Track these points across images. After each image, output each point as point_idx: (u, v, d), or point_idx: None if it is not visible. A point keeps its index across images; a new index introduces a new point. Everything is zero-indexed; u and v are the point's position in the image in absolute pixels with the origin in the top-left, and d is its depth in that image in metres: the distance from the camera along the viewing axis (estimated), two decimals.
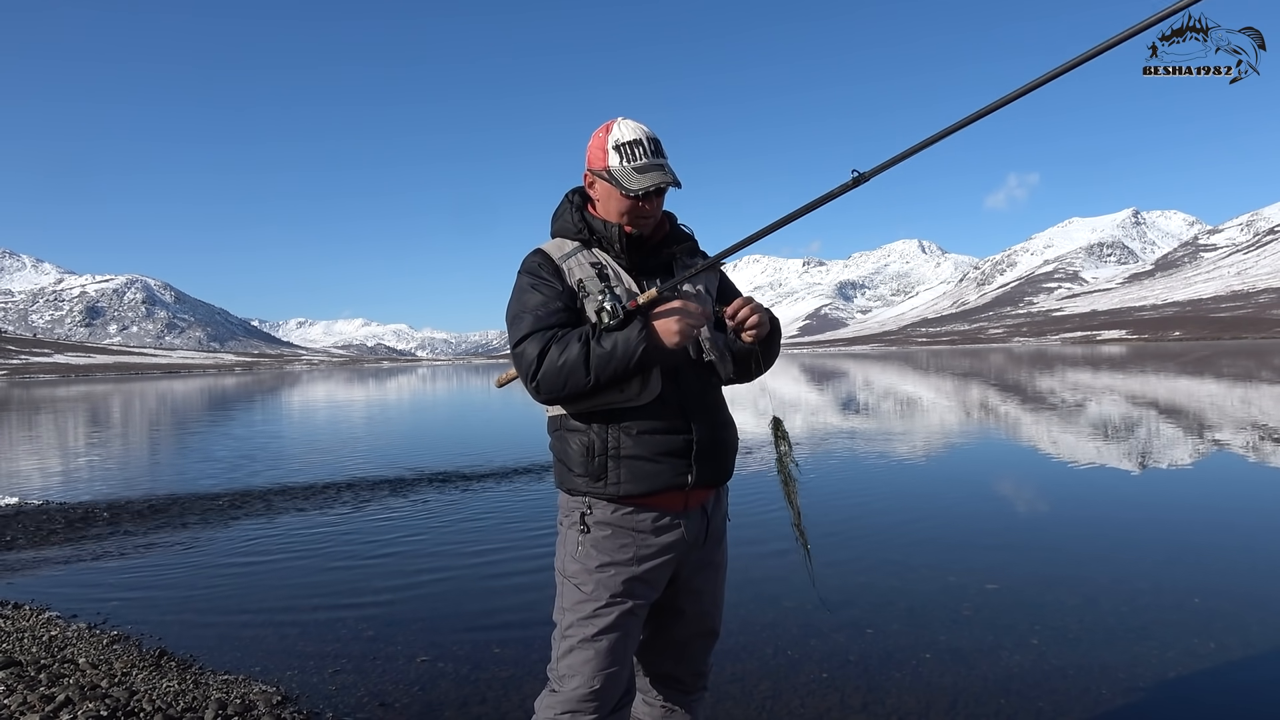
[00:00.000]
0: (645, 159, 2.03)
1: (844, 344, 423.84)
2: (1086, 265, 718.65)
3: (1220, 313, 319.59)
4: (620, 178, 2.02)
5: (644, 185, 2.00)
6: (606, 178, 2.05)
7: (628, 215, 2.06)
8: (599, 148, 2.07)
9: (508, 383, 2.38)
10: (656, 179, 2.00)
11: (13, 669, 3.71)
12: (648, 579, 2.05)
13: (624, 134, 2.04)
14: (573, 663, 2.00)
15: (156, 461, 13.27)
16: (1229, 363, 41.63)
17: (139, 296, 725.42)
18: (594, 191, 2.13)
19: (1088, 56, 1.58)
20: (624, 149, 2.03)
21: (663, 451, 2.01)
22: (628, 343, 1.90)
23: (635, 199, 2.03)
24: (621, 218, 2.07)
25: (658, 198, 2.07)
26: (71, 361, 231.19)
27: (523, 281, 2.07)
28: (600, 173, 2.07)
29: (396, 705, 3.44)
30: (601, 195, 2.10)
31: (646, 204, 2.05)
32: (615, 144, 2.04)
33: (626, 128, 2.05)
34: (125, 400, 37.08)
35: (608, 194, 2.08)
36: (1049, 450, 11.03)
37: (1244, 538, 6.07)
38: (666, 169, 2.05)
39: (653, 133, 2.07)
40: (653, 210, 2.07)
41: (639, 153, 2.03)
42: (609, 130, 2.07)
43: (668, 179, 2.02)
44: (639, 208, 2.05)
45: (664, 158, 2.06)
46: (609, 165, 2.04)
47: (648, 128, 2.07)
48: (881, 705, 3.34)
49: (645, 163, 2.02)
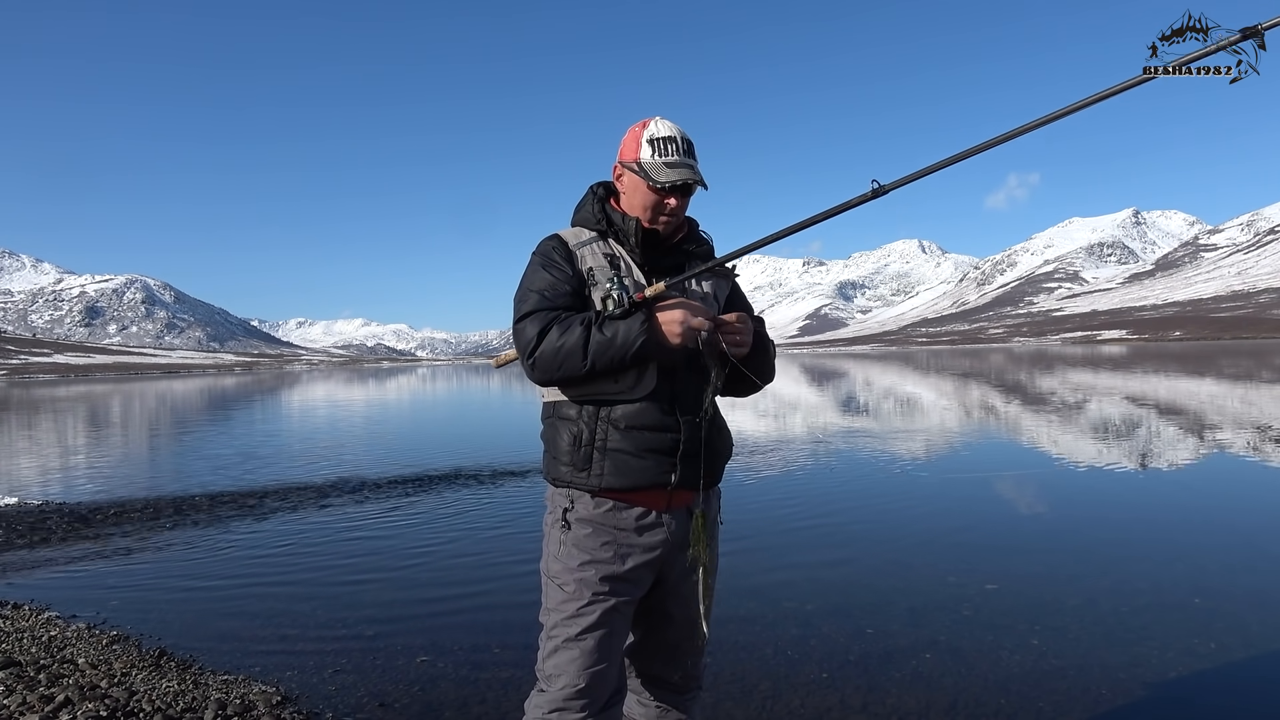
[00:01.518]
0: (677, 156, 2.06)
1: (844, 344, 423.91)
2: (1087, 265, 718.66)
3: (1220, 313, 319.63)
4: (650, 170, 2.06)
5: (671, 179, 2.03)
6: (636, 169, 2.09)
7: (651, 210, 2.09)
8: (633, 140, 2.11)
9: (506, 363, 2.38)
10: (684, 175, 2.04)
11: (12, 669, 3.71)
12: (630, 577, 2.05)
13: (660, 130, 2.09)
14: (559, 662, 2.01)
15: (156, 461, 13.27)
16: (1229, 363, 41.63)
17: (138, 296, 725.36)
18: (621, 184, 2.16)
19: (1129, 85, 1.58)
20: (658, 143, 2.07)
21: (649, 448, 2.01)
22: (628, 333, 1.92)
23: (661, 192, 2.06)
24: (645, 212, 2.10)
25: (683, 196, 2.10)
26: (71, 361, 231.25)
27: (534, 262, 2.11)
28: (630, 164, 2.10)
29: (396, 705, 3.44)
30: (628, 187, 2.13)
31: (671, 199, 2.08)
32: (650, 137, 2.08)
33: (663, 125, 2.09)
34: (125, 400, 37.07)
35: (634, 186, 2.11)
36: (1049, 450, 11.03)
37: (1244, 538, 6.07)
38: (695, 169, 2.08)
39: (688, 135, 2.11)
40: (677, 208, 2.10)
41: (672, 149, 2.07)
42: (645, 125, 2.11)
43: (695, 178, 2.06)
44: (664, 203, 2.08)
45: (695, 160, 2.10)
46: (640, 157, 2.08)
47: (684, 130, 2.11)
48: (881, 705, 3.34)
49: (676, 159, 2.06)
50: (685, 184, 2.06)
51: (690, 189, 2.10)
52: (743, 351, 2.07)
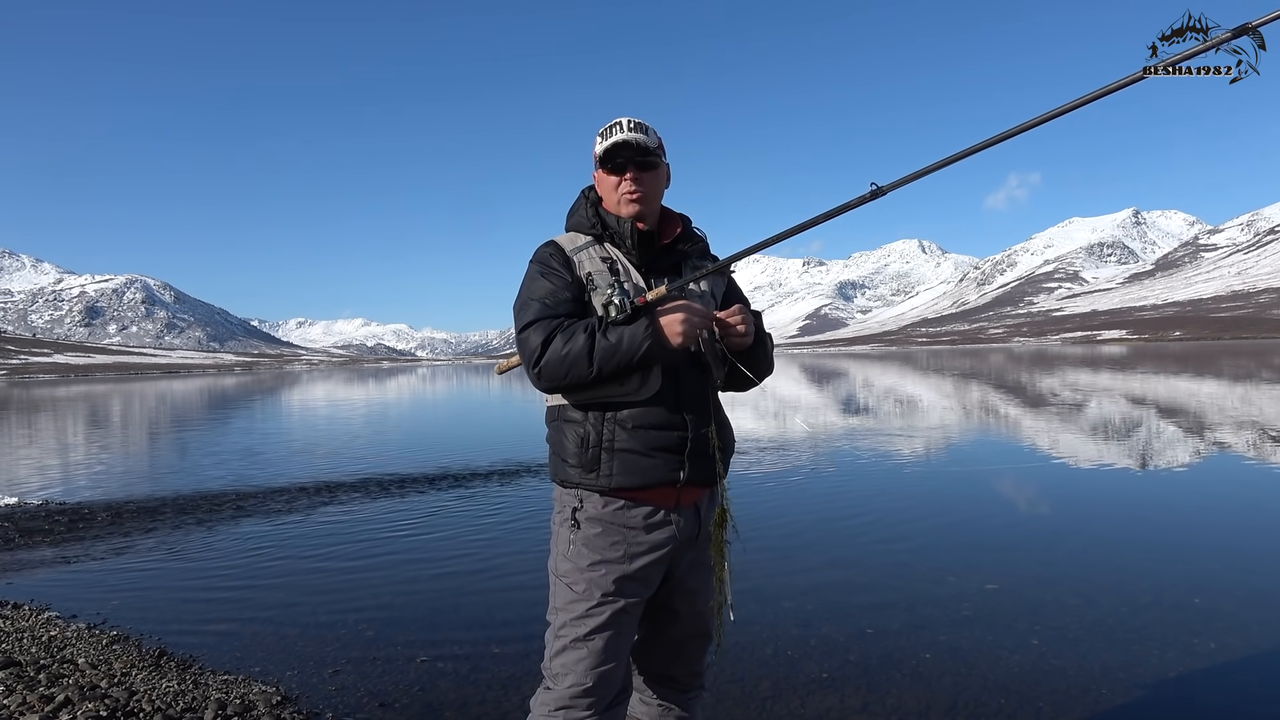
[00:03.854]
0: (619, 133, 2.08)
1: (844, 344, 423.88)
2: (1087, 265, 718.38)
3: (1220, 313, 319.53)
4: (599, 157, 2.11)
5: (604, 146, 2.07)
6: (595, 164, 2.14)
7: (619, 196, 2.11)
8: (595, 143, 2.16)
9: (508, 370, 2.39)
10: (617, 138, 2.06)
11: (12, 669, 3.71)
12: (640, 577, 2.05)
13: (610, 123, 2.12)
14: (566, 661, 2.01)
15: (156, 461, 13.26)
16: (1229, 363, 41.62)
17: (138, 296, 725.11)
18: (599, 187, 2.19)
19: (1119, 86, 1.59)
20: (605, 131, 2.12)
21: (657, 447, 2.02)
22: (633, 338, 1.92)
23: (612, 171, 2.09)
24: (617, 202, 2.12)
25: (639, 171, 2.09)
26: (71, 361, 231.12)
27: (533, 270, 2.11)
28: (594, 161, 2.16)
29: (396, 705, 3.44)
30: (599, 186, 2.17)
31: (628, 176, 2.08)
32: (600, 130, 2.14)
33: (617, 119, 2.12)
34: (125, 400, 37.07)
35: (599, 181, 2.16)
36: (1049, 450, 11.02)
37: (1244, 537, 6.07)
38: (628, 131, 2.07)
39: (642, 121, 2.12)
40: (639, 184, 2.10)
41: (615, 130, 2.10)
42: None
43: (629, 136, 2.06)
44: (621, 181, 2.09)
45: (640, 133, 2.09)
46: (595, 152, 2.14)
47: (643, 120, 2.12)
48: (881, 705, 3.34)
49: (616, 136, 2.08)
50: (625, 147, 2.06)
51: (645, 164, 2.09)
52: (746, 344, 2.09)
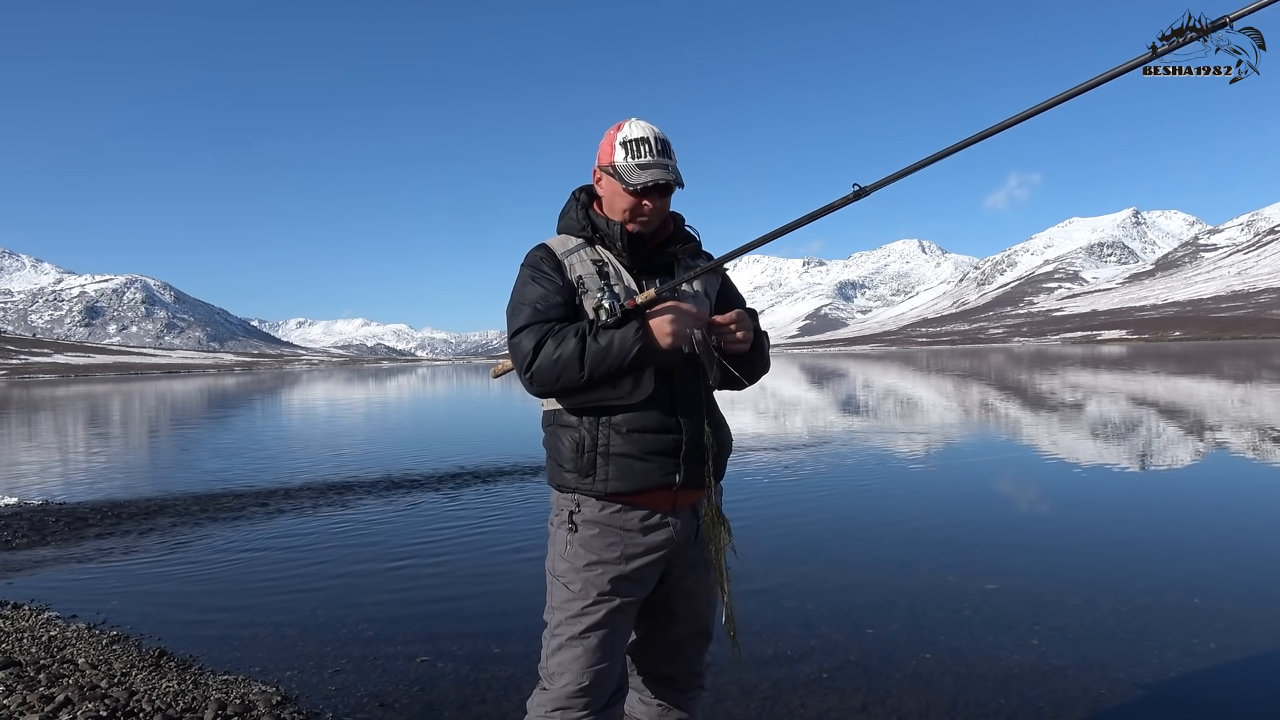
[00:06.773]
0: (650, 156, 2.05)
1: (844, 344, 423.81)
2: (1087, 265, 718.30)
3: (1220, 313, 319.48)
4: (623, 172, 2.05)
5: (643, 180, 2.02)
6: (611, 172, 2.08)
7: (630, 212, 2.08)
8: (608, 143, 2.11)
9: (504, 374, 2.39)
10: (657, 175, 2.03)
11: (12, 669, 3.71)
12: (636, 577, 2.06)
13: (633, 131, 2.08)
14: (562, 660, 2.02)
15: (156, 461, 13.26)
16: (1229, 363, 41.62)
17: (138, 296, 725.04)
18: (600, 188, 2.16)
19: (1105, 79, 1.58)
20: (630, 145, 2.06)
21: (652, 450, 2.02)
22: (624, 341, 1.92)
23: (636, 194, 2.05)
24: (624, 215, 2.09)
25: (660, 197, 2.08)
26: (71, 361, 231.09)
27: (524, 274, 2.11)
28: (606, 168, 2.10)
29: (396, 705, 3.44)
30: (606, 191, 2.14)
31: (648, 201, 2.07)
32: (624, 139, 2.08)
33: (637, 126, 2.08)
34: (125, 400, 37.06)
35: (611, 189, 2.11)
36: (1049, 450, 11.02)
37: (1244, 537, 6.07)
38: (670, 168, 2.06)
39: (663, 134, 2.09)
40: (654, 209, 2.08)
41: (644, 150, 2.05)
42: (620, 128, 2.11)
43: (669, 177, 2.04)
44: (640, 205, 2.07)
45: (670, 158, 2.08)
46: (614, 160, 2.08)
47: (659, 129, 2.09)
48: (881, 705, 3.34)
49: (649, 160, 2.05)
50: (659, 185, 2.05)
51: (668, 189, 2.09)
52: (744, 348, 2.08)
